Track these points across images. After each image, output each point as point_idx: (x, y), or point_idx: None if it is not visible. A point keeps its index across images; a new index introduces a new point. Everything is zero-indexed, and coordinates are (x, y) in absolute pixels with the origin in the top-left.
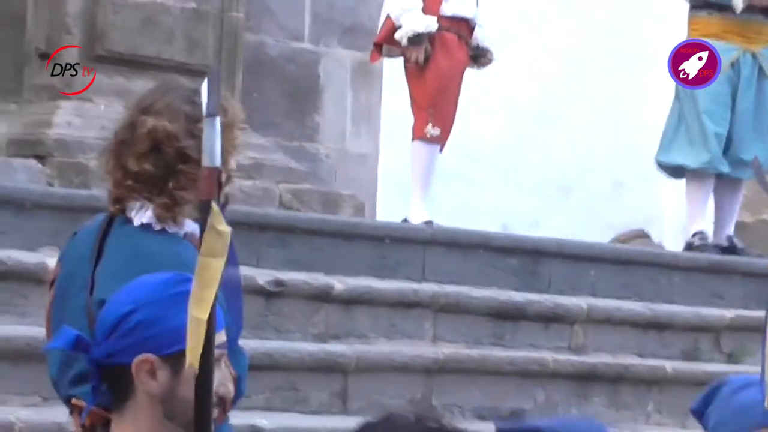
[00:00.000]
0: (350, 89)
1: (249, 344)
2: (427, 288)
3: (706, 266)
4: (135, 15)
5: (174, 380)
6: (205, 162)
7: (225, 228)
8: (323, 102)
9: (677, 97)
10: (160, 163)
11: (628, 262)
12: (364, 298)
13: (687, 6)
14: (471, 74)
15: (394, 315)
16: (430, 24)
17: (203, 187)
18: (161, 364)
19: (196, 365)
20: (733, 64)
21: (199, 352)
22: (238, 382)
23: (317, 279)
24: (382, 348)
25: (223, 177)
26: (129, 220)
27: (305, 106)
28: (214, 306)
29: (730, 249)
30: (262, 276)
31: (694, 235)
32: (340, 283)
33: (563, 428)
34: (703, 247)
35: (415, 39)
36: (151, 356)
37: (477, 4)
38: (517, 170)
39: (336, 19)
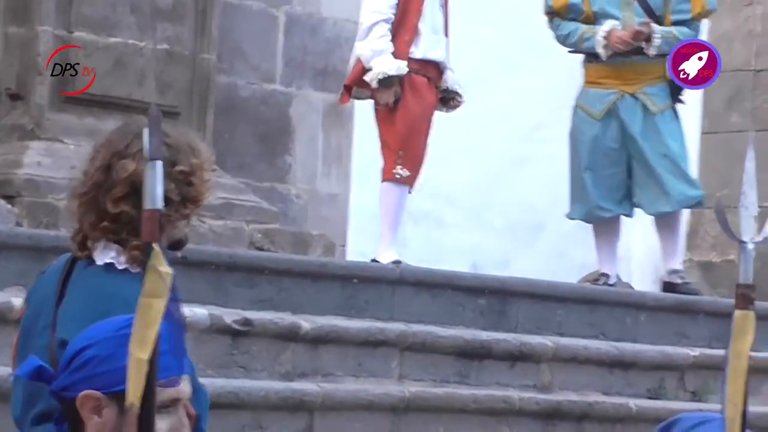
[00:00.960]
0: (321, 131)
1: (216, 383)
2: (395, 327)
3: (672, 306)
4: (106, 56)
5: (121, 419)
6: (147, 205)
7: (167, 269)
8: (294, 143)
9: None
10: (138, 205)
11: (595, 302)
12: (331, 337)
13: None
14: (443, 116)
15: (361, 354)
16: (400, 67)
17: (146, 230)
18: (108, 401)
19: (137, 404)
20: (610, 110)
21: (140, 391)
22: (198, 420)
23: (284, 318)
24: (348, 386)
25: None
26: (92, 261)
27: (276, 147)
28: (156, 346)
29: (674, 285)
30: (230, 315)
31: (599, 276)
32: (307, 323)
33: None
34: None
35: (386, 81)
36: (96, 393)
37: (447, 48)
38: (488, 211)
39: (308, 61)
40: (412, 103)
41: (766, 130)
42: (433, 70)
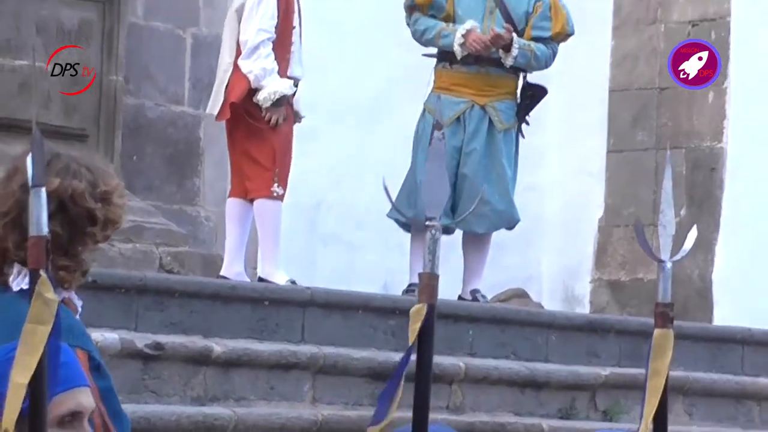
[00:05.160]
0: None
1: (127, 408)
2: (306, 350)
3: (582, 325)
4: (12, 79)
5: None
6: (32, 231)
7: (52, 296)
8: (203, 165)
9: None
10: (65, 223)
11: (506, 322)
12: (243, 360)
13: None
14: (342, 134)
15: (273, 377)
16: (291, 86)
17: (32, 256)
18: None
19: (11, 429)
20: (459, 118)
21: (15, 416)
22: None
23: (195, 342)
24: (261, 410)
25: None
26: (6, 288)
27: (185, 169)
28: (42, 370)
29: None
30: (141, 339)
31: (408, 287)
32: (218, 346)
33: None
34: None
35: (279, 101)
36: None
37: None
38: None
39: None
40: (284, 123)
41: (672, 147)
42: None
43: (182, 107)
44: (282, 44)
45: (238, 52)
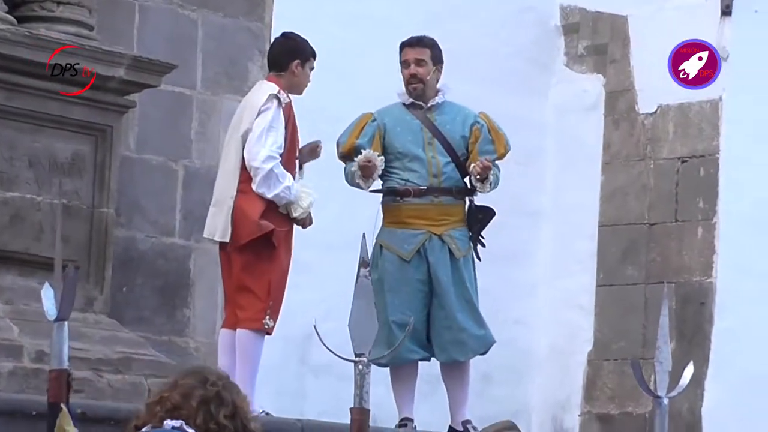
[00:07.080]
0: (220, 283)
1: None
2: None
3: None
4: (3, 211)
5: None
6: (54, 365)
7: (73, 429)
8: (193, 296)
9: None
10: (234, 426)
11: None
12: None
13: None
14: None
15: None
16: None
17: (52, 390)
18: None
19: None
20: (419, 250)
21: None
22: None
23: None
24: None
25: None
26: None
27: (175, 300)
28: None
29: None
30: None
31: (400, 422)
32: None
33: None
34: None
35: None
36: None
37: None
38: None
39: (206, 214)
40: (283, 255)
41: (660, 282)
42: None
43: (173, 239)
44: (288, 166)
45: (242, 177)
